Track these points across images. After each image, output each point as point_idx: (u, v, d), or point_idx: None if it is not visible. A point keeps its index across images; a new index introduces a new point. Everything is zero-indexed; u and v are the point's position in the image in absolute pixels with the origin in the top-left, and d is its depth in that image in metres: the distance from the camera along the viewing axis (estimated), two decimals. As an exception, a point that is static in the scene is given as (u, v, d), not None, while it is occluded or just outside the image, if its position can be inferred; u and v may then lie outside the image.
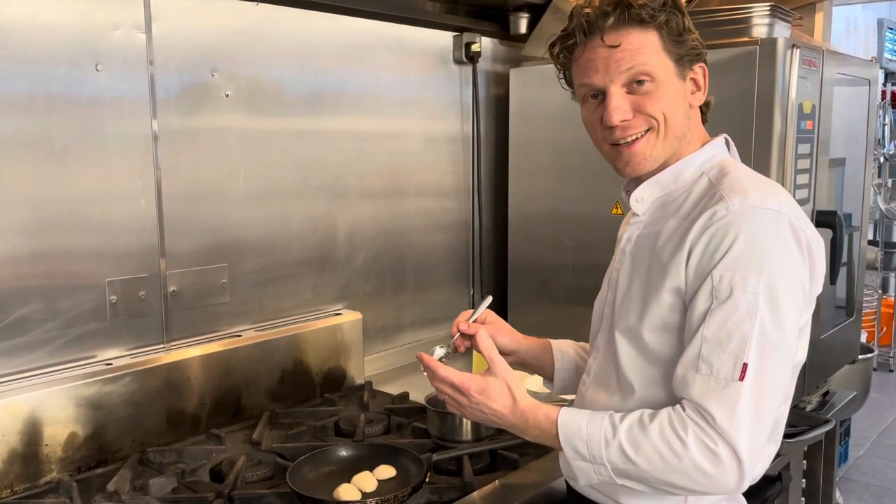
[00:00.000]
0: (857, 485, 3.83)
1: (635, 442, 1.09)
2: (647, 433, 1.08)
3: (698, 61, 1.20)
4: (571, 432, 1.15)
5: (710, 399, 1.06)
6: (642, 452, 1.08)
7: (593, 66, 1.17)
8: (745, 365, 1.05)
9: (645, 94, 1.16)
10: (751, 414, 1.05)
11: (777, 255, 1.08)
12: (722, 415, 1.04)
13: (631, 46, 1.14)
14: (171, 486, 1.53)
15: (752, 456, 1.06)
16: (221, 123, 1.90)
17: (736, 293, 1.06)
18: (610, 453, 1.11)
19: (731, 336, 1.06)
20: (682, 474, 1.07)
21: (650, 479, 1.10)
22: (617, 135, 1.18)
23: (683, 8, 1.17)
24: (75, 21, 1.63)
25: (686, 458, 1.05)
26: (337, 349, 2.12)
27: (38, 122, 1.60)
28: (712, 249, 1.09)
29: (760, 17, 1.95)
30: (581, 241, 2.32)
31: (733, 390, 1.05)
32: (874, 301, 5.49)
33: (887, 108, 5.56)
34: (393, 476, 1.50)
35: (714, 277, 1.08)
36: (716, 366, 1.06)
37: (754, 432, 1.06)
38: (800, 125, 1.92)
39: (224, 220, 1.93)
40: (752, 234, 1.08)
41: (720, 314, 1.07)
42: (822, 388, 2.45)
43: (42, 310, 1.63)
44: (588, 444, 1.13)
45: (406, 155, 2.38)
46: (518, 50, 2.58)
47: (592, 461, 1.13)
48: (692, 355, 1.08)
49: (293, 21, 2.03)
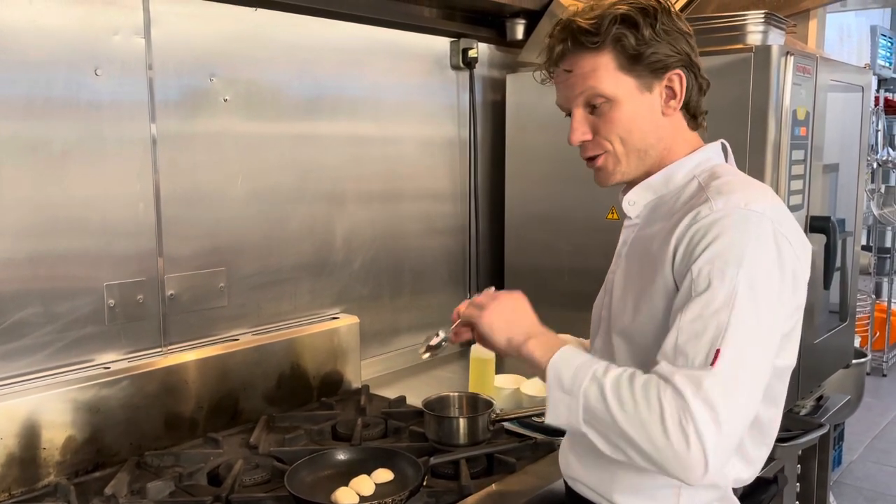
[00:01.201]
0: (850, 489, 3.84)
1: (618, 385, 1.07)
2: (633, 382, 1.07)
3: (669, 70, 1.20)
4: (564, 359, 1.14)
5: (686, 386, 1.03)
6: (619, 395, 1.06)
7: (558, 90, 1.27)
8: (718, 351, 1.03)
9: (601, 115, 1.21)
10: (722, 404, 1.01)
11: (757, 253, 1.08)
12: (696, 402, 1.01)
13: (582, 70, 1.20)
14: (169, 490, 1.53)
15: (718, 448, 1.01)
16: (220, 128, 1.91)
17: (714, 284, 1.06)
18: (590, 388, 1.09)
19: (707, 326, 1.05)
20: (646, 432, 1.03)
21: (612, 429, 1.06)
22: (581, 153, 1.27)
23: (641, 21, 1.16)
24: (75, 26, 1.63)
25: (655, 416, 1.02)
26: (334, 353, 2.13)
27: (38, 126, 1.60)
28: (693, 246, 1.10)
29: (755, 24, 1.97)
30: (577, 245, 2.33)
31: (705, 376, 1.03)
32: (867, 306, 5.51)
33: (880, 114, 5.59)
34: (390, 480, 1.51)
35: (693, 272, 1.08)
36: (691, 355, 1.05)
37: (723, 424, 1.01)
38: (794, 131, 1.94)
39: (222, 223, 1.94)
40: (733, 232, 1.08)
41: (697, 305, 1.07)
42: (816, 393, 2.46)
43: (40, 313, 1.63)
44: (575, 373, 1.11)
45: (403, 159, 2.39)
46: (514, 56, 2.60)
47: (570, 393, 1.11)
48: (670, 345, 1.08)
49: (291, 26, 2.04)
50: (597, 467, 1.25)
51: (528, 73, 2.46)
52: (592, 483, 1.27)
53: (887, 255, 5.82)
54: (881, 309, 5.74)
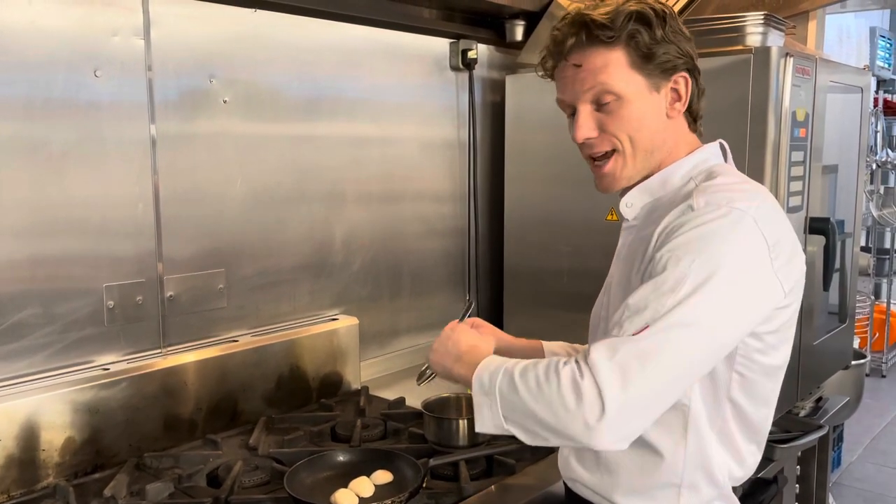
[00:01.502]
0: (849, 490, 3.84)
1: (524, 371, 1.10)
2: (537, 365, 1.09)
3: (678, 71, 1.20)
4: (485, 365, 1.17)
5: (599, 344, 1.05)
6: (525, 379, 1.08)
7: (563, 85, 1.23)
8: (647, 327, 1.04)
9: (609, 112, 1.18)
10: (633, 368, 1.02)
11: (724, 247, 1.07)
12: (599, 355, 1.03)
13: (593, 66, 1.17)
14: (168, 492, 1.53)
15: (621, 408, 1.01)
16: (219, 129, 1.91)
17: (668, 268, 1.06)
18: (503, 381, 1.11)
19: (647, 305, 1.05)
20: (547, 403, 1.05)
21: (526, 413, 1.08)
22: (585, 151, 1.24)
23: (654, 20, 1.16)
24: (74, 27, 1.63)
25: (553, 385, 1.04)
26: (333, 354, 2.13)
27: (37, 127, 1.60)
28: (663, 238, 1.11)
29: (754, 25, 1.97)
30: (576, 247, 2.33)
31: (622, 341, 1.04)
32: (867, 307, 5.52)
33: (879, 115, 5.60)
34: (390, 481, 1.51)
35: (655, 258, 1.09)
36: (626, 329, 1.06)
37: (630, 387, 1.01)
38: (793, 133, 1.94)
39: (221, 225, 1.94)
40: (704, 227, 1.08)
41: (648, 286, 1.07)
42: (816, 394, 2.46)
43: (39, 314, 1.63)
44: (491, 374, 1.13)
45: (402, 161, 2.39)
46: (514, 57, 2.60)
47: (488, 393, 1.12)
48: (614, 321, 1.09)
49: (290, 27, 2.04)
50: (597, 468, 1.25)
51: (527, 75, 2.48)
52: (592, 484, 1.27)
53: (886, 256, 5.82)
54: (880, 310, 5.75)
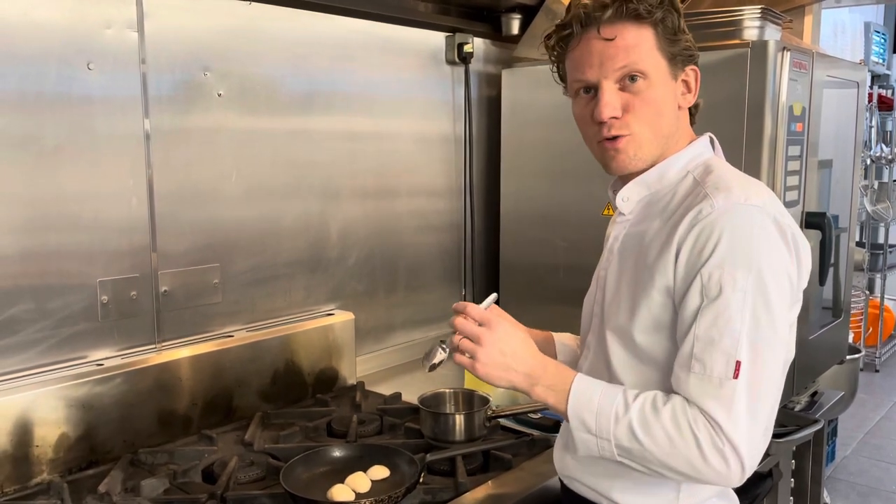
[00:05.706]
0: (843, 484, 3.86)
1: (645, 422, 1.09)
2: (659, 416, 1.08)
3: (691, 63, 1.21)
4: (582, 402, 1.14)
5: (707, 399, 1.06)
6: (651, 434, 1.08)
7: (588, 61, 1.17)
8: (739, 363, 1.06)
9: (636, 93, 1.16)
10: (748, 411, 1.06)
11: (763, 250, 1.08)
12: (722, 416, 1.05)
13: (625, 42, 1.14)
14: (163, 487, 1.52)
15: (752, 452, 1.07)
16: (213, 123, 1.90)
17: (725, 291, 1.07)
18: (618, 430, 1.10)
19: (722, 334, 1.06)
20: (687, 462, 1.07)
21: (652, 461, 1.09)
22: (605, 132, 1.18)
23: (680, 8, 1.18)
24: (67, 19, 1.62)
25: (691, 445, 1.06)
26: (329, 349, 2.12)
27: (29, 121, 1.58)
28: (700, 247, 1.10)
29: (751, 19, 1.97)
30: (572, 241, 2.33)
31: (728, 389, 1.06)
32: (861, 302, 5.53)
33: (874, 110, 5.61)
34: (386, 476, 1.50)
35: (703, 276, 1.08)
36: (709, 364, 1.07)
37: (752, 428, 1.06)
38: (790, 127, 1.94)
39: (216, 219, 1.93)
40: (738, 230, 1.08)
41: (711, 312, 1.07)
42: (811, 389, 2.47)
43: (32, 310, 1.62)
44: (597, 417, 1.12)
45: (398, 155, 2.38)
46: (510, 51, 2.59)
47: (598, 435, 1.12)
48: (685, 354, 1.09)
49: (285, 20, 2.03)
50: (595, 466, 1.24)
51: (523, 69, 2.48)
52: (590, 482, 1.26)
53: (881, 251, 5.84)
54: (874, 305, 5.76)
